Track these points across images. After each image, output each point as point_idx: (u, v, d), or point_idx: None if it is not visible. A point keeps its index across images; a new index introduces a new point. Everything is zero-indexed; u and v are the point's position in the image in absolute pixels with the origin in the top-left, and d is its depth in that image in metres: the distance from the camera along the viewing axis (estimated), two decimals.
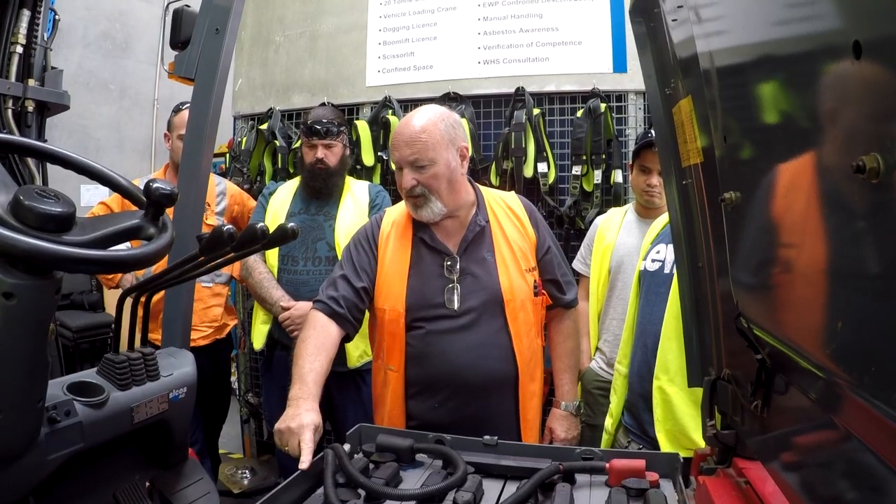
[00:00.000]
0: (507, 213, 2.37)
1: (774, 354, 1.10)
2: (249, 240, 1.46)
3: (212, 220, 3.43)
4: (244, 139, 4.54)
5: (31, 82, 2.47)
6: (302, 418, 1.78)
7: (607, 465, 1.63)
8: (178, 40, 2.16)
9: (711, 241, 1.44)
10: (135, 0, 8.09)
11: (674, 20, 1.41)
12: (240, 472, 4.53)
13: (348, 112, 4.32)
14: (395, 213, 2.39)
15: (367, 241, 2.33)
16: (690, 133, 1.45)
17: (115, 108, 7.78)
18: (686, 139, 1.48)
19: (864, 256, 0.70)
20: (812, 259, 0.88)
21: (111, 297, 5.86)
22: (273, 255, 3.32)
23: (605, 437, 2.55)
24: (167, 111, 7.85)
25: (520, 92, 3.85)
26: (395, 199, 3.78)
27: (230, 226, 1.43)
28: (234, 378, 4.83)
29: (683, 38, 1.40)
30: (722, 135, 1.19)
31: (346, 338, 2.26)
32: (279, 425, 1.81)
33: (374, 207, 3.32)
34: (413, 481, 1.67)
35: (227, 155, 4.79)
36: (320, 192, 3.32)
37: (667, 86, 1.57)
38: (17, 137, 1.41)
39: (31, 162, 2.39)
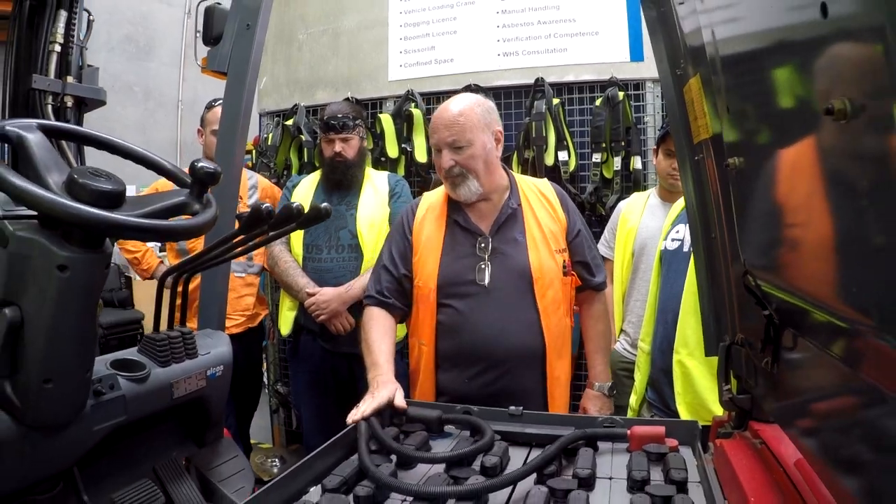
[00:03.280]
0: (540, 197, 2.46)
1: (782, 310, 1.17)
2: (286, 218, 1.54)
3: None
4: (270, 135, 4.64)
5: (70, 79, 2.56)
6: (373, 399, 1.88)
7: (628, 431, 1.69)
8: (211, 36, 2.26)
9: (723, 211, 1.50)
10: (156, 3, 8.19)
11: (681, 3, 1.48)
12: (269, 460, 4.60)
13: (372, 106, 4.41)
14: (432, 198, 2.51)
15: (403, 228, 2.46)
16: (700, 110, 1.52)
17: (140, 110, 7.90)
18: (696, 116, 1.55)
19: (840, 193, 0.78)
20: (809, 207, 0.95)
21: (140, 294, 5.98)
22: (298, 244, 3.41)
23: (629, 413, 2.62)
24: (191, 112, 7.95)
25: (539, 82, 3.91)
26: (414, 188, 3.88)
27: (268, 204, 1.51)
28: (263, 369, 4.93)
29: (689, 19, 1.47)
30: (725, 106, 1.27)
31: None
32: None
33: (394, 196, 3.42)
34: (442, 450, 1.72)
35: (254, 151, 4.88)
36: (340, 183, 3.41)
37: (677, 66, 1.64)
38: (79, 127, 1.51)
39: (69, 153, 2.49)
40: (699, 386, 2.23)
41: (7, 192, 1.19)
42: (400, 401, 1.90)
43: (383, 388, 1.92)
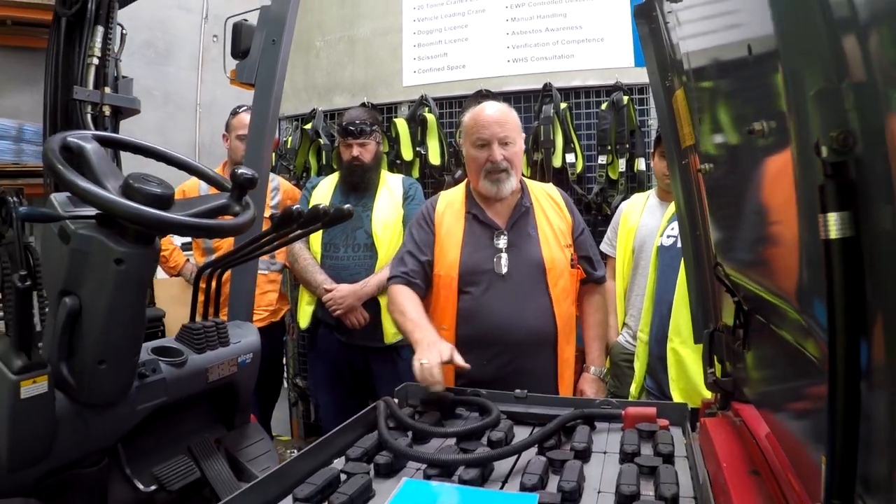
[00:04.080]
0: (548, 199, 2.66)
1: (748, 297, 1.33)
2: (314, 218, 1.71)
3: (267, 213, 3.65)
4: (289, 139, 4.80)
5: (107, 90, 2.72)
6: (433, 352, 2.04)
7: (623, 412, 1.83)
8: (239, 50, 2.43)
9: (706, 210, 1.66)
10: (174, 9, 8.31)
11: (667, 21, 1.64)
12: (288, 452, 4.70)
13: (387, 111, 4.55)
14: (450, 196, 2.70)
15: (425, 220, 2.63)
16: (686, 119, 1.67)
17: (160, 113, 8.00)
18: (682, 124, 1.70)
19: (767, 196, 0.94)
20: (752, 208, 1.11)
21: (161, 292, 6.13)
22: (316, 242, 3.57)
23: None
24: (209, 115, 8.02)
25: (547, 87, 4.05)
26: (428, 190, 4.02)
27: (298, 205, 1.68)
28: (283, 362, 5.05)
29: (673, 35, 1.64)
30: (697, 118, 1.44)
31: None
32: (419, 359, 2.04)
33: (408, 199, 3.57)
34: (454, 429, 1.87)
35: (274, 154, 5.01)
36: (357, 186, 3.56)
37: (666, 79, 1.80)
38: (130, 138, 1.68)
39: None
40: (691, 372, 2.38)
41: (78, 196, 1.37)
42: (459, 359, 2.07)
43: (442, 344, 2.09)
